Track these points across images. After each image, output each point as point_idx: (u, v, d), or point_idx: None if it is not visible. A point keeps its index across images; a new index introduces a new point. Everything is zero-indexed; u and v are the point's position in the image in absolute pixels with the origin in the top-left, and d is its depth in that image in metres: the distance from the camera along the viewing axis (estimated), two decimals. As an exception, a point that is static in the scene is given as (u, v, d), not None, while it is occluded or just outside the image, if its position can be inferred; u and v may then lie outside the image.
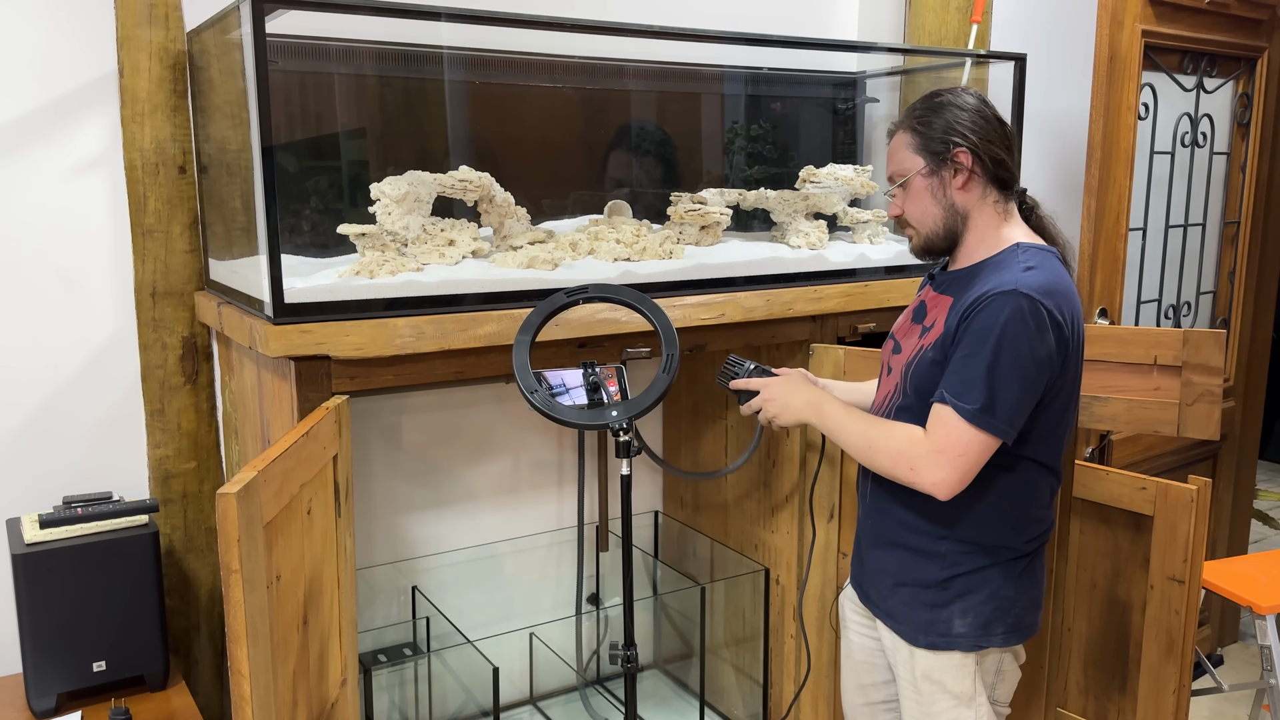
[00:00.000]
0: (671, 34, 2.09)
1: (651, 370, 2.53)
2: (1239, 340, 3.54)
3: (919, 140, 1.67)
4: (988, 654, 1.71)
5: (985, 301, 1.56)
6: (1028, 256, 1.61)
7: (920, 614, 1.71)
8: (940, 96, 1.69)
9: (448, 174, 2.03)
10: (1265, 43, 3.37)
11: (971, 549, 1.68)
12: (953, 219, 1.68)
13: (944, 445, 1.56)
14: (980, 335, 1.55)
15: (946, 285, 1.71)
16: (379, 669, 2.40)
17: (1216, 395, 2.23)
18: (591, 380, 1.77)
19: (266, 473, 1.37)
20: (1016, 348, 1.53)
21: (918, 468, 1.58)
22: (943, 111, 1.67)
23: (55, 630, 1.86)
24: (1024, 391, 1.55)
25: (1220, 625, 3.63)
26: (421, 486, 2.49)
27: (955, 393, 1.56)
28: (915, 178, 1.68)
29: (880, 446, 1.64)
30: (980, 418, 1.54)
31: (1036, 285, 1.55)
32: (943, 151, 1.65)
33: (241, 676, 1.30)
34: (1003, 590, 1.69)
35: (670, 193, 2.37)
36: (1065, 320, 1.57)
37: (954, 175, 1.66)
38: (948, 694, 1.71)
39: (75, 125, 2.01)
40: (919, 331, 1.72)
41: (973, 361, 1.55)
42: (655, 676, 2.87)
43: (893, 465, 1.62)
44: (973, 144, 1.64)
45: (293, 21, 1.74)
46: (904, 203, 1.71)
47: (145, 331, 2.09)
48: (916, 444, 1.59)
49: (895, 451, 1.61)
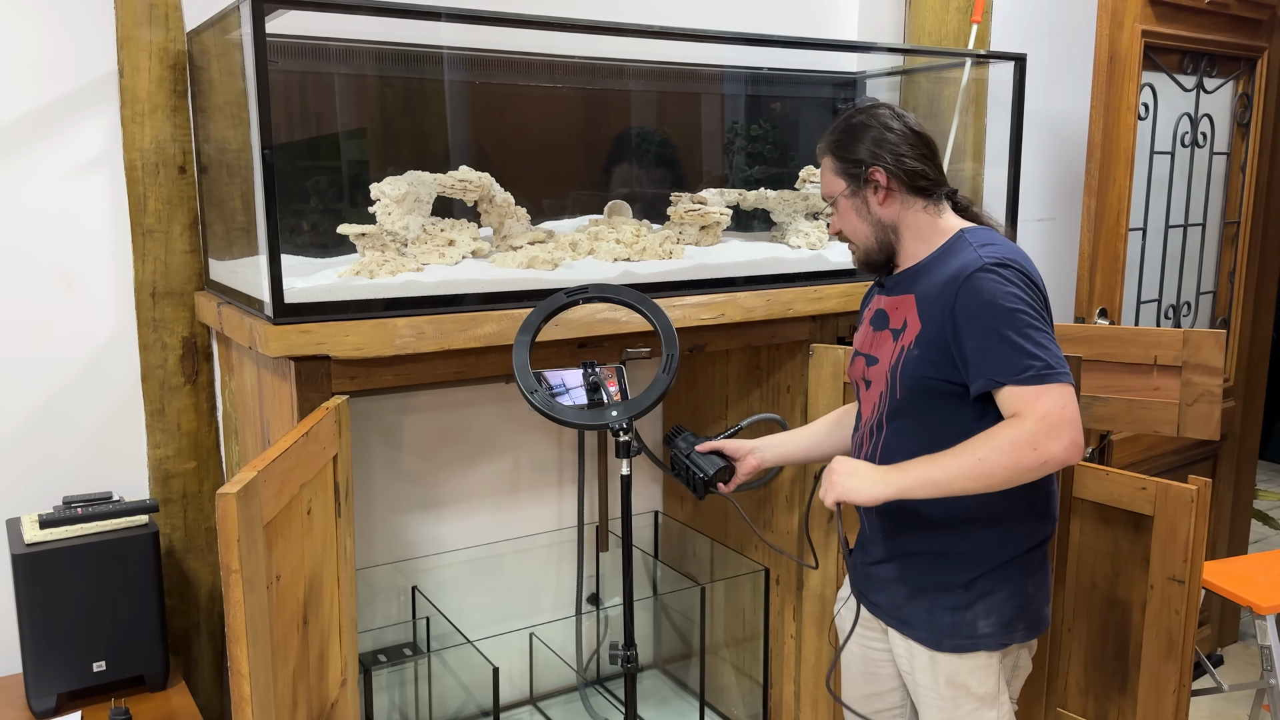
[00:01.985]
0: (671, 34, 2.09)
1: (651, 370, 2.53)
2: (1239, 340, 3.54)
3: (838, 163, 1.73)
4: (1009, 651, 1.72)
5: (963, 286, 1.59)
6: (976, 237, 1.67)
7: (943, 618, 1.70)
8: (854, 118, 1.74)
9: (448, 174, 2.03)
10: (1265, 43, 3.37)
11: (994, 545, 1.68)
12: (882, 232, 1.73)
13: (1043, 411, 1.52)
14: (981, 316, 1.57)
15: (899, 286, 1.75)
16: (379, 669, 2.40)
17: (1216, 395, 2.23)
18: (591, 380, 1.77)
19: (266, 473, 1.37)
20: (1022, 307, 1.57)
21: (1039, 444, 1.51)
22: (856, 133, 1.71)
23: (55, 630, 1.86)
24: (1049, 338, 1.57)
25: (1220, 625, 3.63)
26: (421, 486, 2.49)
27: (1005, 372, 1.54)
28: (840, 199, 1.74)
29: (990, 454, 1.53)
30: (1045, 375, 1.53)
31: (999, 255, 1.61)
32: (858, 173, 1.70)
33: (241, 676, 1.30)
34: (1024, 586, 1.70)
35: (670, 193, 2.37)
36: (1034, 277, 1.64)
37: (874, 193, 1.72)
38: (972, 696, 1.70)
39: (75, 125, 2.01)
40: (891, 336, 1.73)
41: (994, 339, 1.56)
42: (655, 676, 2.87)
43: (1015, 460, 1.52)
44: (886, 162, 1.69)
45: (293, 21, 1.73)
46: (839, 223, 1.77)
47: (145, 331, 2.09)
48: (1020, 428, 1.52)
49: (1008, 447, 1.52)
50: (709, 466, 1.87)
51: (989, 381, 1.56)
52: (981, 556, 1.68)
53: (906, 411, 1.68)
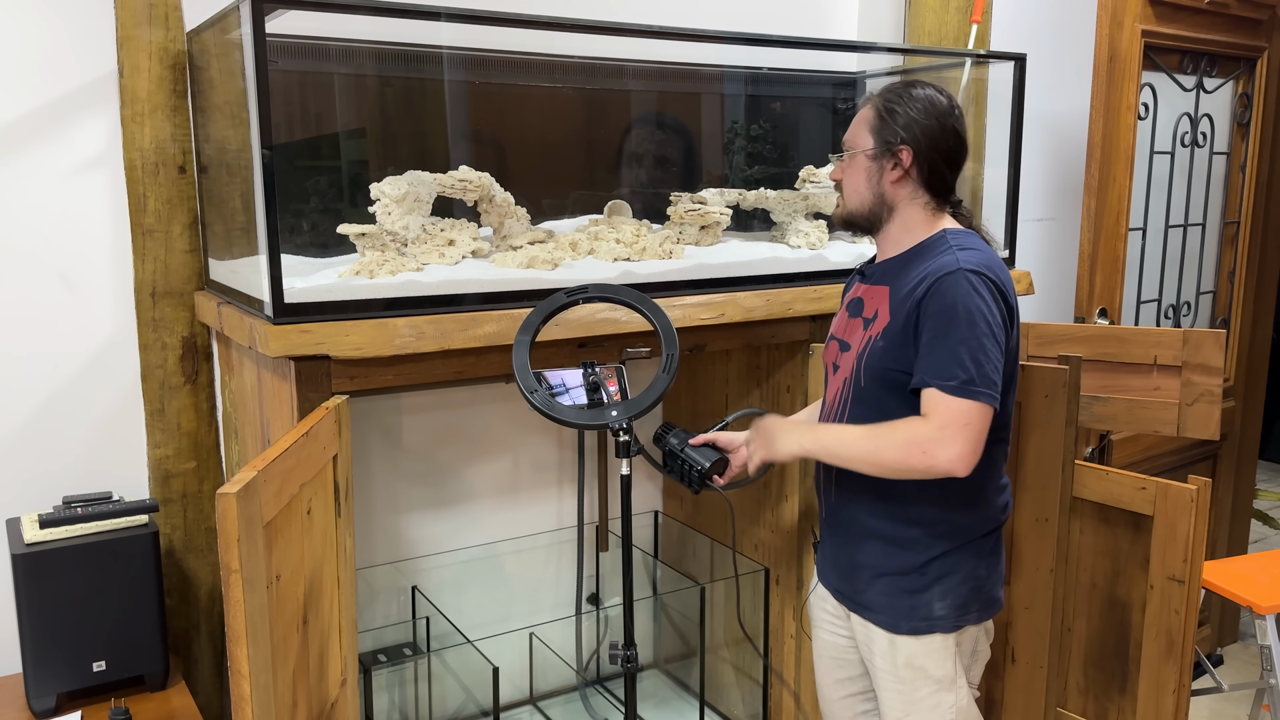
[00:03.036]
0: (671, 34, 2.09)
1: (651, 370, 2.52)
2: (1239, 340, 3.54)
3: (877, 123, 1.72)
4: (965, 633, 1.77)
5: (934, 286, 1.62)
6: (957, 239, 1.69)
7: (900, 601, 1.74)
8: (915, 89, 1.72)
9: (448, 174, 2.03)
10: (1265, 43, 3.37)
11: (943, 531, 1.73)
12: (879, 205, 1.75)
13: (946, 421, 1.58)
14: (941, 317, 1.60)
15: (878, 276, 1.78)
16: (379, 669, 2.40)
17: (1216, 395, 2.23)
18: (591, 380, 1.77)
19: (266, 473, 1.37)
20: (978, 319, 1.59)
21: (929, 450, 1.58)
22: (909, 104, 1.70)
23: (55, 630, 1.86)
24: (996, 357, 1.61)
25: (1220, 625, 3.63)
26: (421, 486, 2.49)
27: (936, 374, 1.60)
28: (859, 154, 1.74)
29: (886, 444, 1.63)
30: (968, 389, 1.58)
31: (976, 262, 1.63)
32: (891, 142, 1.70)
33: (241, 676, 1.30)
34: (976, 569, 1.76)
35: (670, 193, 2.37)
36: (1006, 290, 1.66)
37: (892, 168, 1.72)
38: (930, 679, 1.75)
39: (75, 125, 2.01)
40: (862, 324, 1.77)
41: (942, 342, 1.60)
42: (655, 676, 2.87)
43: (904, 457, 1.61)
44: (920, 147, 1.69)
45: (293, 21, 1.73)
46: (844, 171, 1.78)
47: (145, 331, 2.09)
48: (920, 429, 1.60)
49: (903, 443, 1.61)
50: (704, 459, 1.88)
51: (921, 380, 1.62)
52: (932, 543, 1.73)
53: (867, 400, 1.72)
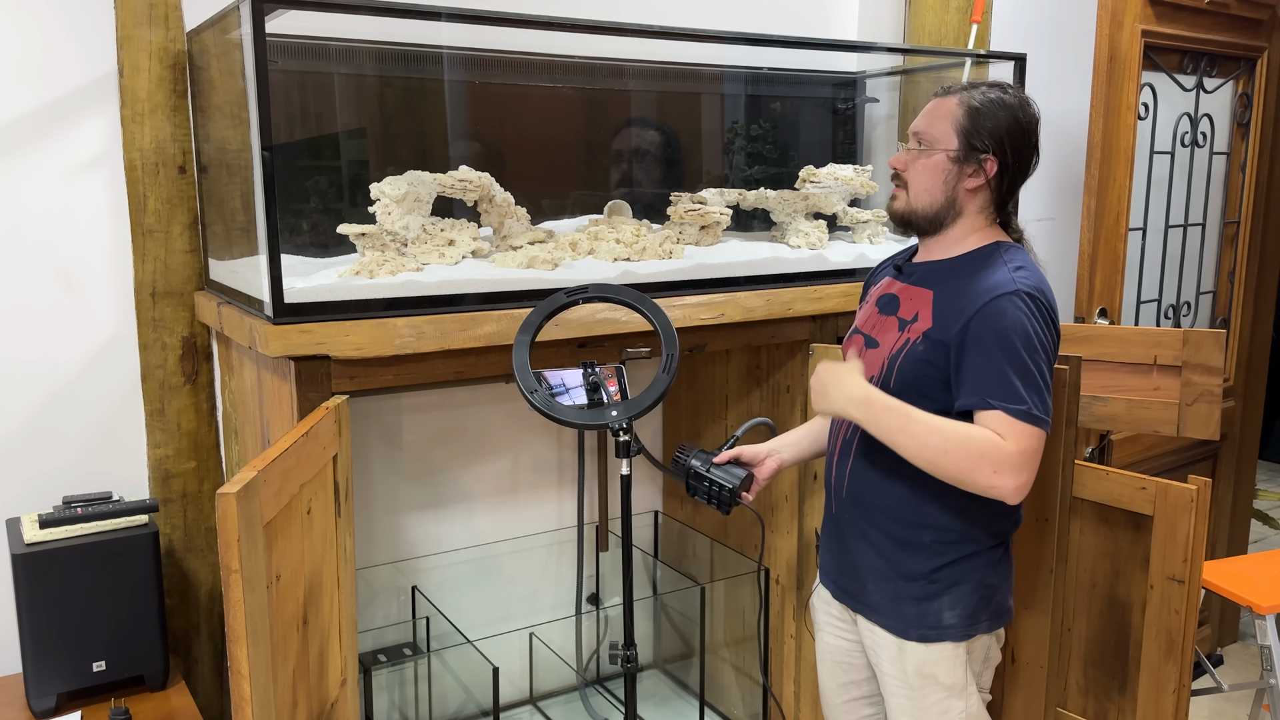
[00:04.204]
0: (671, 34, 2.09)
1: (651, 370, 2.52)
2: (1239, 340, 3.55)
3: (966, 124, 1.65)
4: (976, 641, 1.74)
5: (990, 304, 1.58)
6: (1011, 256, 1.66)
7: (908, 608, 1.72)
8: (1009, 96, 1.67)
9: (448, 174, 2.03)
10: (1265, 43, 3.37)
11: (955, 538, 1.70)
12: (948, 209, 1.69)
13: (1022, 447, 1.54)
14: (1001, 338, 1.57)
15: (922, 278, 1.73)
16: (379, 669, 2.40)
17: (1216, 395, 2.23)
18: (591, 380, 1.77)
19: (266, 473, 1.37)
20: (1037, 345, 1.57)
21: (1001, 470, 1.53)
22: (1002, 113, 1.65)
23: (55, 630, 1.86)
24: (1051, 382, 1.59)
25: (1220, 625, 3.64)
26: (421, 486, 2.49)
27: (1001, 397, 1.55)
28: (940, 153, 1.67)
29: (958, 447, 1.55)
30: (1034, 417, 1.55)
31: (1032, 285, 1.60)
32: (978, 148, 1.65)
33: (241, 676, 1.30)
34: (987, 579, 1.72)
35: (670, 193, 2.37)
36: (1055, 314, 1.64)
37: (973, 175, 1.67)
38: (940, 686, 1.72)
39: (75, 125, 2.01)
40: (897, 324, 1.72)
41: (1004, 366, 1.56)
42: (655, 676, 2.87)
43: (972, 468, 1.54)
44: (1006, 161, 1.65)
45: (293, 21, 1.73)
46: (915, 164, 1.69)
47: (145, 331, 2.09)
48: (1001, 447, 1.54)
49: (977, 454, 1.54)
50: (733, 478, 1.84)
51: (983, 401, 1.57)
52: (943, 549, 1.70)
53: None
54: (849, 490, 1.78)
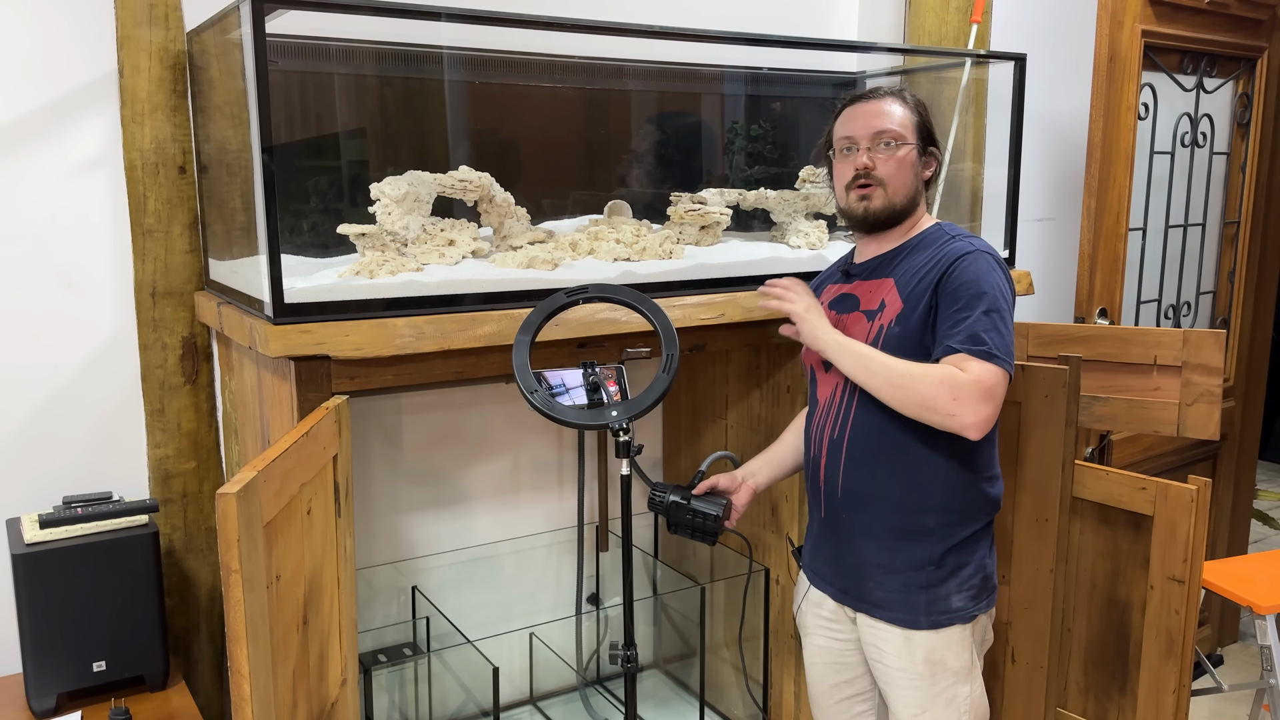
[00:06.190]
0: (671, 34, 2.09)
1: (651, 370, 2.52)
2: (1239, 340, 3.55)
3: (918, 121, 1.81)
4: (977, 622, 1.80)
5: (955, 265, 1.70)
6: (955, 230, 1.80)
7: (918, 596, 1.75)
8: (922, 106, 1.86)
9: (448, 174, 2.03)
10: (1265, 43, 3.37)
11: (957, 518, 1.75)
12: (916, 199, 1.83)
13: (979, 378, 1.61)
14: (967, 290, 1.67)
15: (875, 270, 1.83)
16: (379, 669, 2.40)
17: (1216, 395, 2.23)
18: (591, 380, 1.77)
19: (266, 473, 1.37)
20: (999, 296, 1.67)
21: (960, 397, 1.60)
22: (925, 109, 1.85)
23: (55, 630, 1.86)
24: (1011, 331, 1.69)
25: (1220, 625, 3.64)
26: (421, 486, 2.49)
27: (964, 341, 1.64)
28: (911, 149, 1.80)
29: (920, 375, 1.64)
30: (992, 355, 1.63)
31: (985, 246, 1.74)
32: (928, 144, 1.83)
33: (241, 676, 1.30)
34: (984, 558, 1.79)
35: (670, 193, 2.37)
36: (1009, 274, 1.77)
37: (926, 166, 1.84)
38: (949, 671, 1.76)
39: (75, 125, 2.01)
40: (865, 317, 1.79)
41: (969, 314, 1.65)
42: (655, 676, 2.87)
43: (934, 394, 1.62)
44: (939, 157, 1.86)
45: (293, 21, 1.73)
46: (891, 161, 1.79)
47: (145, 331, 2.09)
48: (958, 376, 1.62)
49: (938, 380, 1.62)
50: (714, 508, 1.88)
51: (947, 349, 1.65)
52: (948, 532, 1.74)
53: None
54: (844, 489, 1.80)
